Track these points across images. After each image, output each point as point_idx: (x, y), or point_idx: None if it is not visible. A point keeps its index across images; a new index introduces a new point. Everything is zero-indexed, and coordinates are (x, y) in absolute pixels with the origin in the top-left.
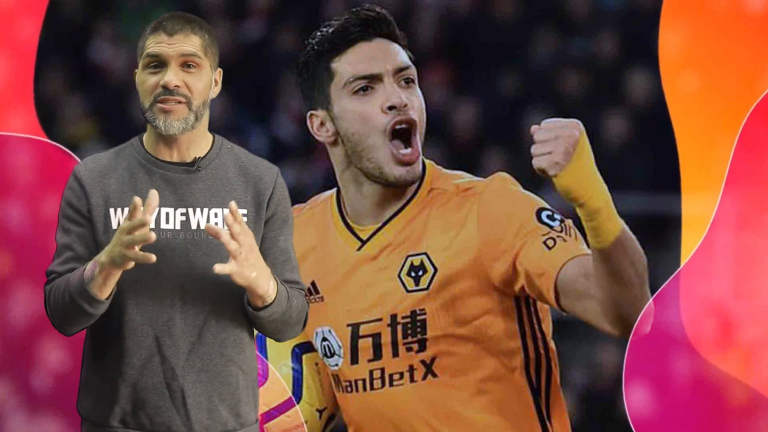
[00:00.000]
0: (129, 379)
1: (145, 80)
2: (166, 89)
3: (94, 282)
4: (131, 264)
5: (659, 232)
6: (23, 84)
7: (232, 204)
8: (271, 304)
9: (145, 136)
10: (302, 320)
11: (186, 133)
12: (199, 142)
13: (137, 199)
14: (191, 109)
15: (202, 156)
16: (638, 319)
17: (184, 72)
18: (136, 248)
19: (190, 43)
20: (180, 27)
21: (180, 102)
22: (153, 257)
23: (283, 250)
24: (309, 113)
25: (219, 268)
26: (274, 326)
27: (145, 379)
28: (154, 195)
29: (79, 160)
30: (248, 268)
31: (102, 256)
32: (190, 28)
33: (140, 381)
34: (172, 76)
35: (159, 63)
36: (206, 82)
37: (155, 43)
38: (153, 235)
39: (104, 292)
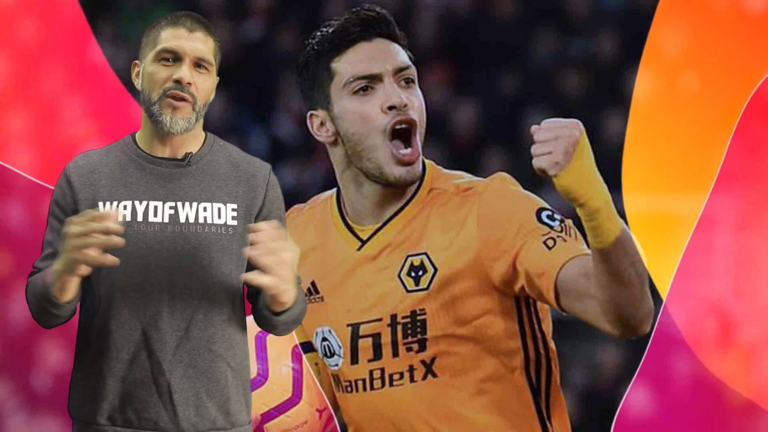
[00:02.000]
0: (117, 374)
1: (157, 71)
2: (179, 84)
3: (54, 287)
4: (85, 269)
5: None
6: (23, 84)
7: (260, 226)
8: (290, 308)
9: (138, 134)
10: (303, 317)
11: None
12: (192, 140)
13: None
14: (194, 109)
15: (193, 152)
16: (641, 319)
17: (195, 72)
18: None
19: (207, 45)
20: (198, 26)
21: (187, 100)
22: (110, 258)
23: None
24: (309, 113)
25: (251, 277)
26: (285, 327)
27: (133, 373)
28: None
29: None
30: (283, 282)
31: (57, 264)
32: (207, 31)
33: (128, 375)
34: (186, 72)
35: (175, 57)
36: (211, 86)
37: (174, 37)
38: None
39: (64, 296)
